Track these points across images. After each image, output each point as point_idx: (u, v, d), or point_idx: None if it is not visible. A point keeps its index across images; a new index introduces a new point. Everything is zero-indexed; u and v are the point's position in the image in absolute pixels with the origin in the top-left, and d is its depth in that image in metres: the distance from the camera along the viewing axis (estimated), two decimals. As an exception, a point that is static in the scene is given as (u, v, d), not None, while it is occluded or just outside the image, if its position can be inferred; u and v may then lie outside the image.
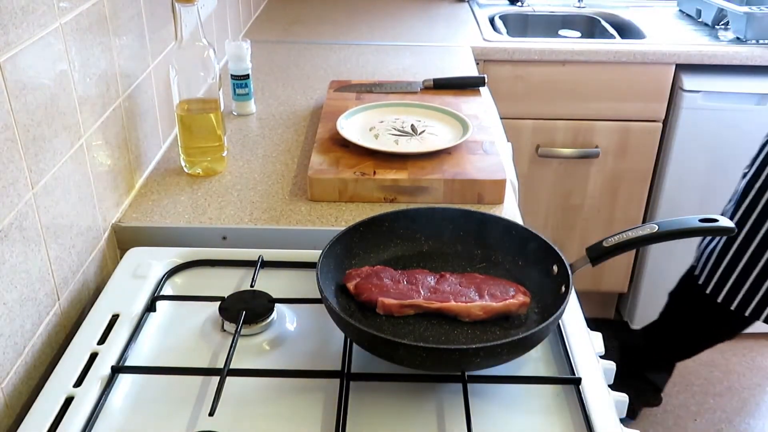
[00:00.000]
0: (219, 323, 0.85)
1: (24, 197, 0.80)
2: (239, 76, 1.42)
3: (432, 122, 1.30)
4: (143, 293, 0.90)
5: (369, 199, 1.13)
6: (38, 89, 0.83)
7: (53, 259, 0.87)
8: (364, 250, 0.92)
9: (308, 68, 1.75)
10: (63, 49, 0.88)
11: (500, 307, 0.81)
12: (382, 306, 0.82)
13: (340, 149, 1.20)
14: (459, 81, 1.52)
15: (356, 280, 0.85)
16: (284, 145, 1.32)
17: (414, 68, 1.75)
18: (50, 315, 0.86)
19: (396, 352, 0.75)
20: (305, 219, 1.09)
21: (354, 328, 0.76)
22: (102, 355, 0.80)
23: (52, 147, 0.86)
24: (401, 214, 0.95)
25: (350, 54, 1.86)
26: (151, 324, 0.87)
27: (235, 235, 1.07)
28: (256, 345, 0.83)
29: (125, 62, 1.09)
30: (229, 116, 1.44)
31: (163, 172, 1.21)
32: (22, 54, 0.79)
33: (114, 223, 1.06)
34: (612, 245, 0.83)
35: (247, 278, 0.93)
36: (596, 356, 0.82)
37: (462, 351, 0.74)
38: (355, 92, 1.46)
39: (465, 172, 1.14)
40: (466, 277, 0.86)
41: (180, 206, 1.11)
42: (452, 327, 0.81)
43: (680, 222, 0.85)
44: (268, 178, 1.20)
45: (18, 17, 0.78)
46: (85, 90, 0.95)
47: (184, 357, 0.82)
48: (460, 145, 1.21)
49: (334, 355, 0.80)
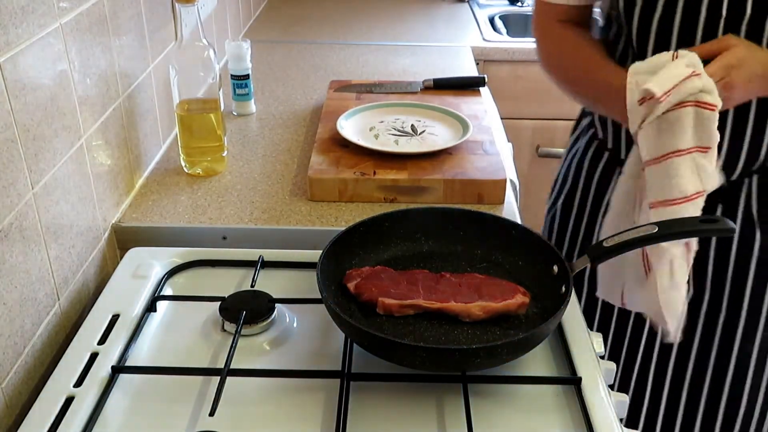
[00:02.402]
0: (219, 323, 0.85)
1: (24, 197, 0.80)
2: (239, 76, 1.42)
3: (432, 122, 1.30)
4: (143, 293, 0.90)
5: (369, 199, 1.13)
6: (38, 89, 0.83)
7: (53, 259, 0.87)
8: (365, 250, 0.92)
9: (308, 68, 1.75)
10: (63, 49, 0.88)
11: (500, 308, 0.81)
12: (383, 306, 0.82)
13: (340, 149, 1.20)
14: (459, 81, 1.52)
15: (356, 280, 0.85)
16: (284, 145, 1.32)
17: (414, 68, 1.75)
18: (50, 315, 0.86)
19: (396, 352, 0.75)
20: (305, 219, 1.08)
21: (354, 328, 0.76)
22: (102, 355, 0.80)
23: (52, 147, 0.86)
24: (401, 214, 0.95)
25: (350, 54, 1.86)
26: (152, 324, 0.87)
27: (235, 235, 1.07)
28: (256, 345, 0.83)
29: (125, 62, 1.09)
30: (229, 116, 1.44)
31: (163, 172, 1.21)
32: (22, 54, 0.79)
33: (114, 223, 1.06)
34: (612, 245, 0.82)
35: (248, 278, 0.93)
36: (596, 356, 0.82)
37: (462, 351, 0.74)
38: (355, 92, 1.46)
39: (465, 172, 1.14)
40: (466, 278, 0.86)
41: (180, 206, 1.11)
42: (452, 327, 0.81)
43: (681, 222, 0.85)
44: (268, 178, 1.20)
45: (18, 17, 0.78)
46: (85, 90, 0.95)
47: (185, 357, 0.82)
48: (461, 145, 1.21)
49: (334, 355, 0.80)
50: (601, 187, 1.15)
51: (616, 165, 1.11)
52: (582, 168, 1.18)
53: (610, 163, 1.14)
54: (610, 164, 1.14)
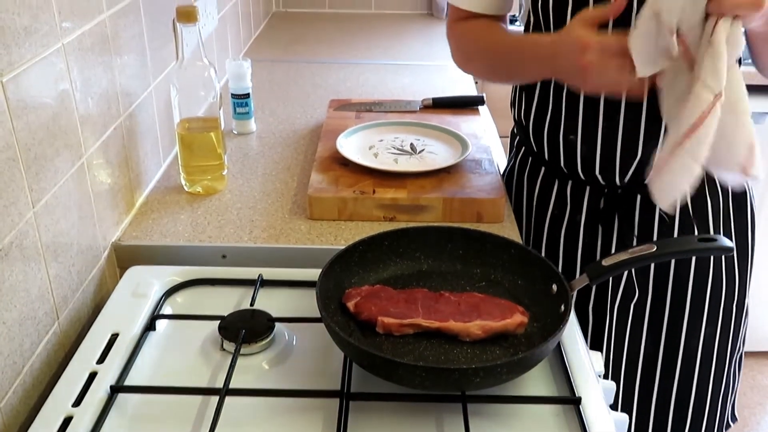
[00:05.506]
0: (218, 342, 0.85)
1: (25, 216, 0.80)
2: (240, 95, 1.43)
3: (431, 141, 1.31)
4: (143, 312, 0.90)
5: (368, 217, 1.13)
6: (40, 108, 0.83)
7: (53, 277, 0.87)
8: (364, 269, 0.92)
9: (308, 87, 1.76)
10: (65, 68, 0.89)
11: (499, 327, 0.81)
12: (382, 325, 0.82)
13: (339, 168, 1.21)
14: (458, 100, 1.53)
15: (356, 299, 0.85)
16: (284, 164, 1.33)
17: (413, 87, 1.76)
18: (49, 334, 0.86)
19: (395, 371, 0.75)
20: (305, 237, 1.09)
21: (353, 347, 0.76)
22: (101, 374, 0.80)
23: (54, 166, 0.87)
24: (401, 233, 0.95)
25: (350, 73, 1.87)
26: (151, 343, 0.87)
27: (234, 253, 1.07)
28: (255, 364, 0.83)
29: (127, 81, 1.09)
30: (230, 135, 1.44)
31: (163, 190, 1.22)
32: (24, 74, 0.79)
33: (114, 241, 1.06)
34: (611, 264, 0.83)
35: (247, 297, 0.93)
36: (596, 376, 0.82)
37: (462, 371, 0.74)
38: (355, 111, 1.47)
39: (464, 190, 1.14)
40: (465, 297, 0.86)
41: (180, 225, 1.11)
42: (452, 346, 0.81)
43: (678, 242, 0.85)
44: (268, 196, 1.21)
45: (21, 37, 0.79)
46: (87, 109, 0.96)
47: (184, 376, 0.82)
48: (460, 164, 1.22)
49: (333, 375, 0.80)
50: (543, 199, 1.16)
51: (555, 177, 1.13)
52: (522, 184, 1.19)
53: (548, 176, 1.15)
54: (548, 177, 1.15)
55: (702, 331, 1.14)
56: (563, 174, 1.12)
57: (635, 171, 1.05)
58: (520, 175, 1.20)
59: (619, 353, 1.16)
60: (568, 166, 1.10)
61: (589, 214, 1.11)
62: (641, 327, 1.14)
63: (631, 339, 1.15)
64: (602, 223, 1.11)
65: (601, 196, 1.10)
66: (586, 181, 1.10)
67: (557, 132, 1.08)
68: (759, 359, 2.36)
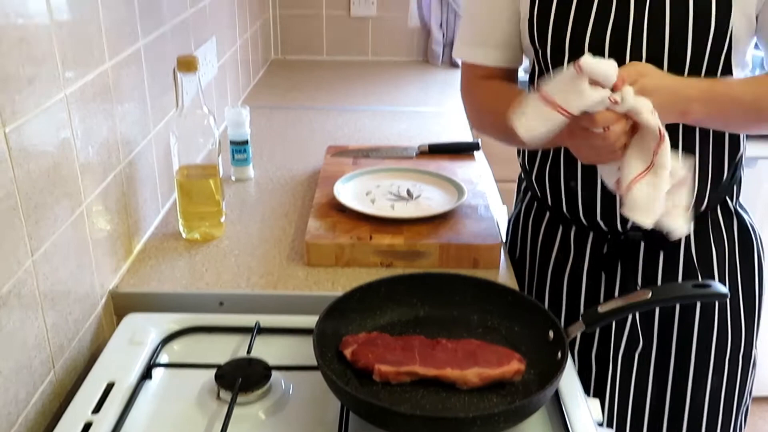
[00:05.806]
0: (215, 391, 0.85)
1: (24, 264, 0.80)
2: (238, 142, 1.45)
3: (427, 187, 1.32)
4: (139, 360, 0.89)
5: (365, 263, 1.13)
6: (41, 157, 0.84)
7: (50, 326, 0.87)
8: (361, 315, 0.92)
9: (306, 133, 1.78)
10: (67, 117, 0.90)
11: (496, 375, 0.81)
12: (379, 373, 0.82)
13: (336, 214, 1.22)
14: (454, 146, 1.55)
15: (353, 346, 0.85)
16: (282, 210, 1.34)
17: (409, 133, 1.78)
18: (45, 384, 0.86)
19: (393, 420, 0.74)
20: (302, 284, 1.09)
21: (350, 396, 0.76)
22: (96, 425, 0.79)
23: (53, 214, 0.87)
24: (397, 280, 0.95)
25: (347, 119, 1.90)
26: (147, 392, 0.86)
27: (232, 300, 1.07)
28: (252, 413, 0.83)
29: (127, 129, 1.11)
30: (228, 181, 1.46)
31: (161, 236, 1.22)
32: (27, 124, 0.80)
33: (111, 289, 1.06)
34: (606, 311, 0.83)
35: (244, 345, 0.93)
36: (594, 423, 0.81)
37: (459, 420, 0.74)
38: (352, 157, 1.49)
39: (460, 236, 1.15)
40: (462, 344, 0.86)
41: (177, 271, 1.12)
42: (449, 394, 0.81)
43: (673, 288, 0.86)
44: (266, 242, 1.21)
45: (25, 88, 0.80)
46: (87, 157, 0.97)
47: (180, 426, 0.81)
48: (456, 210, 1.23)
49: (330, 424, 0.80)
50: (547, 244, 1.16)
51: (559, 223, 1.14)
52: (527, 229, 1.20)
53: (552, 221, 1.16)
54: (552, 222, 1.15)
55: (708, 381, 1.12)
56: (567, 219, 1.13)
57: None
58: (526, 220, 1.21)
59: (624, 402, 1.15)
60: (570, 211, 1.11)
61: (593, 260, 1.12)
62: (647, 376, 1.13)
63: (636, 388, 1.14)
64: (605, 270, 1.11)
65: (605, 242, 1.10)
66: (589, 226, 1.10)
67: (558, 178, 1.10)
68: (760, 404, 2.33)
